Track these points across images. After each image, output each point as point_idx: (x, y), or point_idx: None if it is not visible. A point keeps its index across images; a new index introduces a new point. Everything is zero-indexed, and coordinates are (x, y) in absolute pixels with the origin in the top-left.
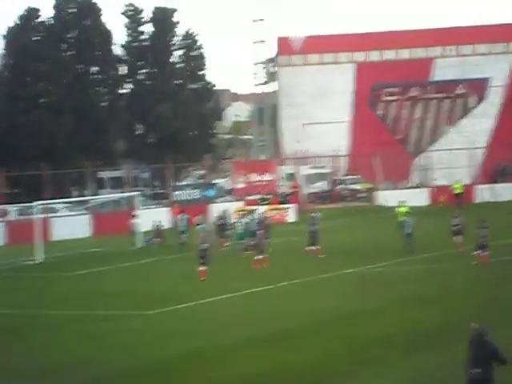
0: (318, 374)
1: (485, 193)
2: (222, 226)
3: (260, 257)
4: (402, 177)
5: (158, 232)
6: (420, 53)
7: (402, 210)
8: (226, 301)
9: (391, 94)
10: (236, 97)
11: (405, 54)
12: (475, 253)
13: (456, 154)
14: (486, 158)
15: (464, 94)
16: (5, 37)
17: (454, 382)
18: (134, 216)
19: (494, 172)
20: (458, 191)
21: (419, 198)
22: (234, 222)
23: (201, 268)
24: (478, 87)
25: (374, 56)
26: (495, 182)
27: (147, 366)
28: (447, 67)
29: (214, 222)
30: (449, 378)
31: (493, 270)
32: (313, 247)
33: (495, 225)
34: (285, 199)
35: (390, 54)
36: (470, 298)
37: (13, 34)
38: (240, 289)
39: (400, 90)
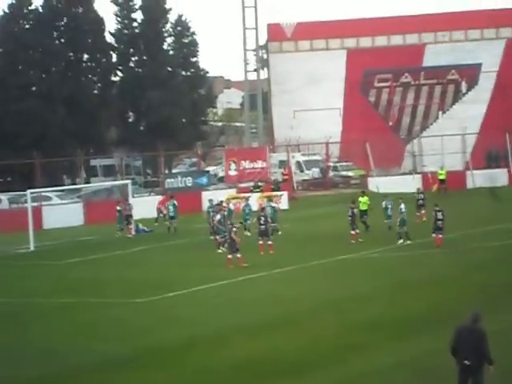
0: (307, 359)
1: (477, 178)
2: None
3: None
4: (394, 163)
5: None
6: (412, 39)
7: (364, 200)
8: (218, 288)
9: (383, 81)
10: (229, 83)
11: (397, 39)
12: (433, 235)
13: (448, 139)
14: (478, 143)
15: (456, 80)
16: None
17: (443, 367)
18: (128, 204)
19: (485, 157)
20: (441, 177)
21: (411, 184)
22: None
23: (229, 256)
24: (470, 73)
25: (366, 42)
26: (488, 167)
27: (140, 354)
28: (439, 53)
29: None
30: (438, 363)
31: (482, 255)
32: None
33: (488, 211)
34: (277, 186)
35: (381, 40)
36: (459, 283)
37: (3, 23)
38: (232, 276)
39: (392, 76)
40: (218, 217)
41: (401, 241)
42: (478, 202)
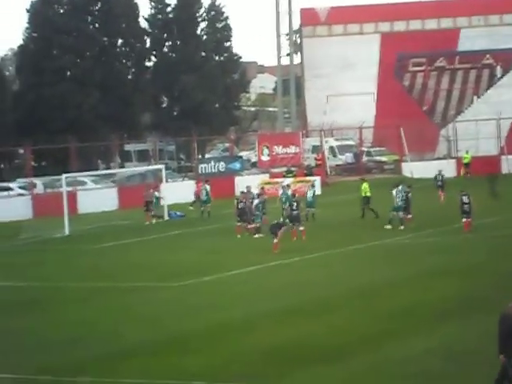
0: (338, 345)
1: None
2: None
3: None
4: (429, 148)
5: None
6: (447, 23)
7: (365, 186)
8: (251, 273)
9: (417, 65)
10: (262, 68)
11: (431, 24)
12: (463, 220)
13: (483, 124)
14: None
15: (491, 65)
16: (28, 10)
17: (475, 353)
18: (159, 189)
19: None
20: (466, 161)
21: (446, 169)
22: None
23: (274, 241)
24: (505, 57)
25: (400, 26)
26: None
27: (173, 337)
28: (474, 37)
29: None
30: (471, 349)
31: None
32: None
33: None
34: (310, 171)
35: (415, 24)
36: (490, 271)
37: (37, 8)
38: (264, 261)
39: (426, 61)
40: (257, 202)
41: (389, 226)
42: (509, 187)
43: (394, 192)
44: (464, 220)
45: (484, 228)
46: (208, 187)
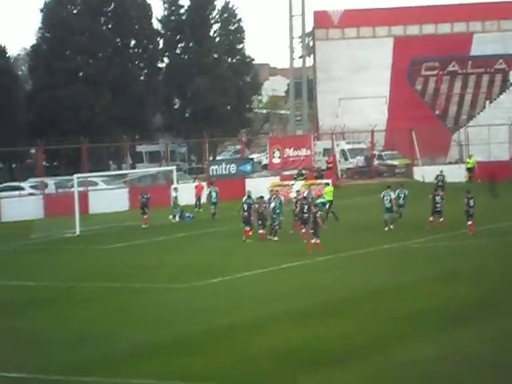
0: (348, 349)
1: None
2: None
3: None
4: (441, 152)
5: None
6: (460, 27)
7: (329, 189)
8: (261, 275)
9: (430, 69)
10: (275, 71)
11: (444, 28)
12: (468, 223)
13: (495, 129)
14: None
15: (503, 70)
16: (42, 10)
17: (484, 358)
18: (175, 189)
19: None
20: (469, 166)
21: (457, 173)
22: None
23: (312, 241)
24: None
25: (413, 30)
26: None
27: (181, 339)
28: (487, 42)
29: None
30: (480, 353)
31: None
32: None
33: None
34: (320, 174)
35: (429, 29)
36: (500, 276)
37: (51, 8)
38: (274, 264)
39: (439, 65)
40: (273, 204)
41: (386, 228)
42: None
43: (382, 194)
44: (469, 223)
45: (493, 233)
46: (216, 189)
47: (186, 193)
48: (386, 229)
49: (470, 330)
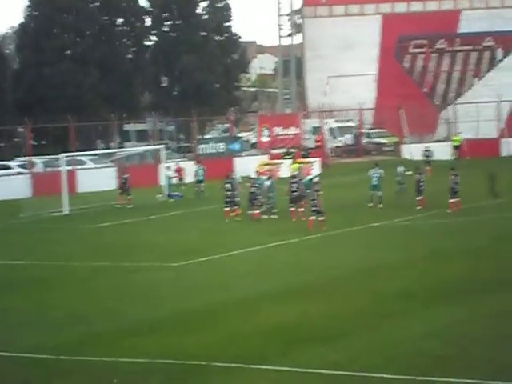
0: (339, 326)
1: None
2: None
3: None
4: (429, 130)
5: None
6: (447, 4)
7: (295, 166)
8: (250, 254)
9: (418, 46)
10: (262, 49)
11: (432, 5)
12: (450, 200)
13: (483, 106)
14: None
15: (491, 47)
16: None
17: (476, 336)
18: (167, 168)
19: None
20: (456, 144)
21: (445, 151)
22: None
23: (310, 218)
24: (506, 40)
25: (401, 7)
26: None
27: (173, 317)
28: (475, 19)
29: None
30: (471, 331)
31: (507, 224)
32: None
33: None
34: (307, 153)
35: (417, 6)
36: (489, 253)
37: None
38: (264, 242)
39: (427, 42)
40: (268, 183)
41: (370, 204)
42: (508, 170)
43: (369, 172)
44: (452, 200)
45: (485, 210)
46: (203, 167)
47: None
48: (370, 205)
49: (461, 308)
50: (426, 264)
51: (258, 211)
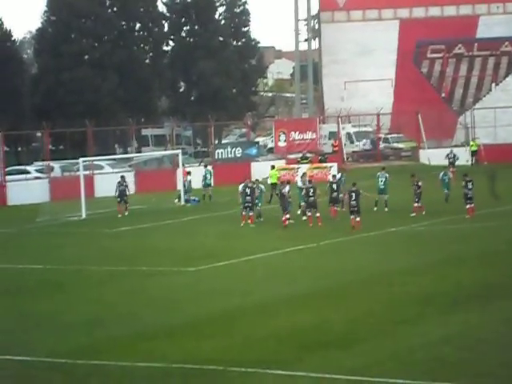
0: (355, 331)
1: None
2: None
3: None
4: (446, 135)
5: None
6: (465, 10)
7: (274, 173)
8: (267, 259)
9: (436, 51)
10: (280, 54)
11: (450, 10)
12: (467, 206)
13: (501, 112)
14: None
15: (509, 52)
16: None
17: (491, 341)
18: (188, 173)
19: None
20: (473, 149)
21: (463, 156)
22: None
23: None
24: None
25: (419, 12)
26: None
27: (189, 322)
28: (493, 24)
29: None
30: (487, 337)
31: None
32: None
33: None
34: (324, 158)
35: (435, 11)
36: (510, 259)
37: None
38: (281, 247)
39: (445, 48)
40: (288, 188)
41: (375, 208)
42: None
43: (376, 175)
44: (468, 206)
45: (502, 216)
46: (211, 170)
47: (191, 176)
48: (375, 209)
49: (477, 313)
50: (442, 269)
51: (287, 216)
